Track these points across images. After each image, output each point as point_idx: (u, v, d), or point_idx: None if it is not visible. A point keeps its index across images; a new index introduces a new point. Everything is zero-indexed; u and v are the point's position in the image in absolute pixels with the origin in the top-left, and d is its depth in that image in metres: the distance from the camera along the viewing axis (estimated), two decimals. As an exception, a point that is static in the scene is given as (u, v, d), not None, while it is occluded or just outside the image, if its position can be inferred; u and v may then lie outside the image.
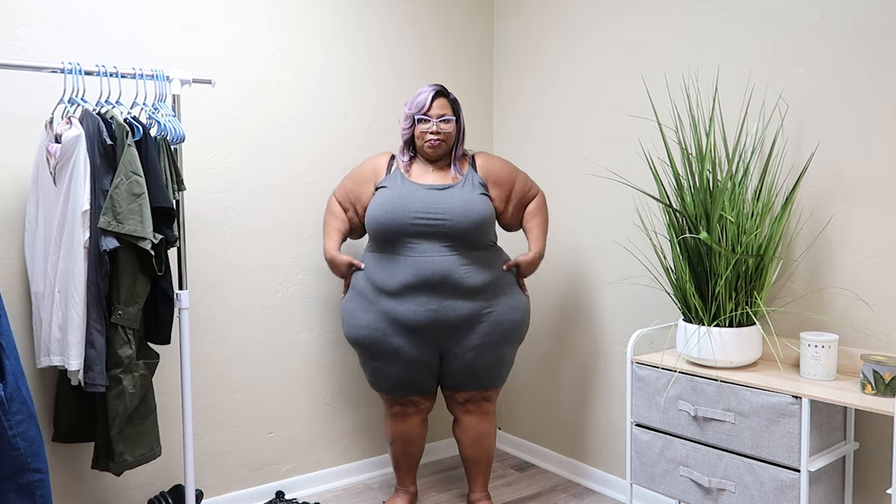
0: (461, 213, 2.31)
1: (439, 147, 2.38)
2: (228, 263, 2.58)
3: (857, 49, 1.98)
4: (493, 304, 2.36)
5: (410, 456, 2.55)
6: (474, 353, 2.37)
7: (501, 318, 2.37)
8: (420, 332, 2.32)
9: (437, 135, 2.36)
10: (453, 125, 2.39)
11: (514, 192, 2.47)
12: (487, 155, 2.51)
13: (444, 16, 3.06)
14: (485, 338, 2.36)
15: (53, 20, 2.20)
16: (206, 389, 2.55)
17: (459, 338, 2.35)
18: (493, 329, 2.36)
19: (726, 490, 1.94)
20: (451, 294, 2.30)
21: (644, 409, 2.15)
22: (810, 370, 1.93)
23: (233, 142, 2.56)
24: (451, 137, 2.40)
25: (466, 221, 2.31)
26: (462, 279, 2.30)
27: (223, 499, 2.61)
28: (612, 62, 2.67)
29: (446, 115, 2.37)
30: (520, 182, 2.49)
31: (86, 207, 1.91)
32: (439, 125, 2.35)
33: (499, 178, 2.45)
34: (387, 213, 2.32)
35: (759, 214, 2.05)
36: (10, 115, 2.15)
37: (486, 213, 2.36)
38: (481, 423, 2.50)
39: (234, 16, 2.55)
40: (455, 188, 2.37)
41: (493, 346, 2.38)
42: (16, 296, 2.18)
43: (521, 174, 2.51)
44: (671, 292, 2.43)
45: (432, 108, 2.35)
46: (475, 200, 2.35)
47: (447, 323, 2.31)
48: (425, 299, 2.30)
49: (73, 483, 2.30)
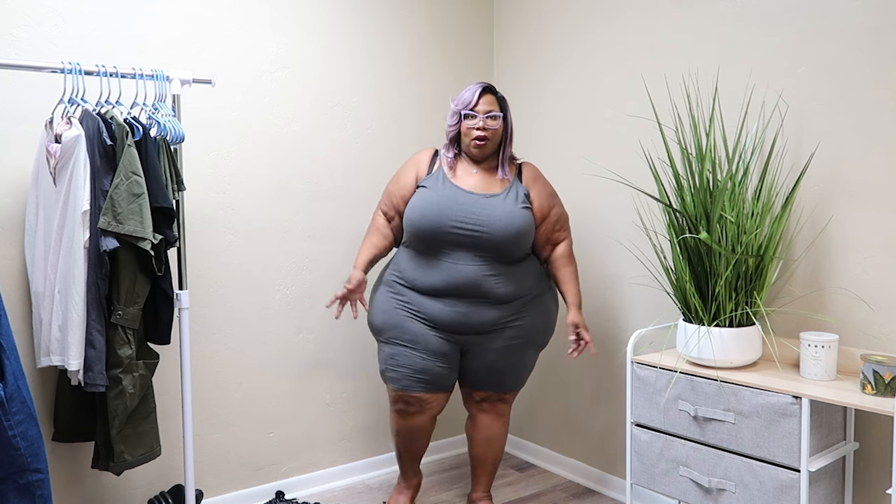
0: (501, 227, 2.25)
1: (485, 147, 2.32)
2: (228, 263, 2.58)
3: (857, 49, 1.98)
4: (523, 313, 2.34)
5: (414, 450, 2.52)
6: (496, 356, 2.35)
7: (528, 325, 2.35)
8: (443, 328, 2.32)
9: (484, 131, 2.29)
10: (500, 122, 2.33)
11: (545, 222, 2.39)
12: (535, 168, 2.46)
13: (444, 16, 3.07)
14: (509, 341, 2.34)
15: (53, 20, 2.20)
16: (206, 389, 2.55)
17: (484, 341, 2.34)
18: (518, 334, 2.35)
19: (726, 490, 1.94)
20: (481, 301, 2.29)
21: (644, 409, 2.15)
22: (810, 370, 1.93)
23: (233, 142, 2.56)
24: (498, 135, 2.34)
25: (506, 236, 2.26)
26: (493, 289, 2.28)
27: (223, 499, 2.61)
28: (612, 62, 2.67)
29: (493, 111, 2.31)
30: (554, 215, 2.40)
31: (86, 208, 1.91)
32: (486, 121, 2.29)
33: (538, 198, 2.38)
34: (423, 219, 2.27)
35: (759, 214, 2.05)
36: (10, 115, 2.15)
37: (526, 228, 2.31)
38: (494, 423, 2.50)
39: (235, 16, 2.55)
40: (498, 198, 2.31)
41: (517, 349, 2.37)
42: (16, 296, 2.18)
43: (557, 206, 2.43)
44: (671, 292, 2.43)
45: (479, 104, 2.30)
46: (517, 214, 2.29)
47: (472, 326, 2.31)
48: (454, 301, 2.29)
49: (73, 483, 2.31)
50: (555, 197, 2.43)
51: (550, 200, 2.40)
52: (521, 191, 2.35)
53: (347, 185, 2.84)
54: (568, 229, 2.46)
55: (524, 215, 2.31)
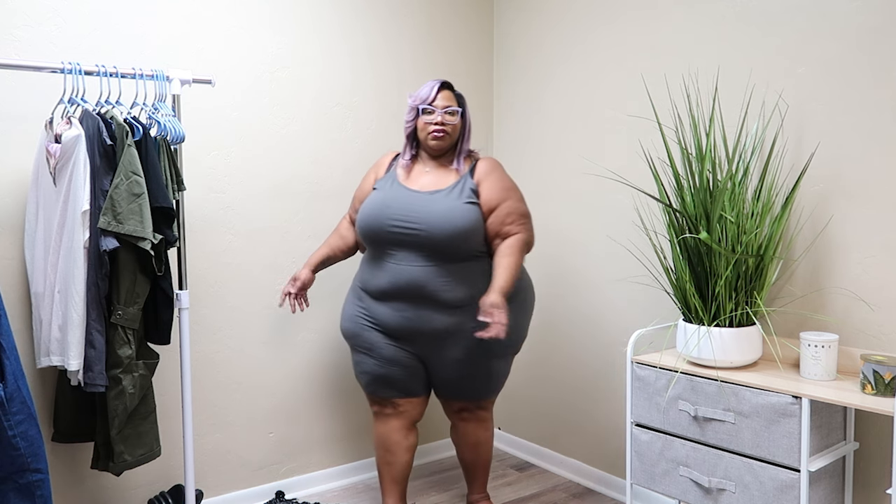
0: (437, 223, 2.17)
1: (443, 140, 2.27)
2: (228, 263, 2.58)
3: (857, 49, 1.98)
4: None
5: (391, 467, 2.40)
6: (459, 367, 2.29)
7: None
8: (395, 335, 2.27)
9: (443, 125, 2.25)
10: (459, 118, 2.30)
11: (493, 215, 2.24)
12: (493, 163, 2.34)
13: (444, 16, 3.07)
14: (468, 352, 2.27)
15: (53, 20, 2.20)
16: (206, 389, 2.55)
17: (440, 349, 2.27)
18: (477, 344, 2.25)
19: (726, 490, 1.94)
20: (428, 306, 2.21)
21: (644, 409, 2.15)
22: (810, 370, 1.93)
23: (233, 142, 2.56)
24: (457, 130, 2.31)
25: (443, 233, 2.17)
26: (438, 292, 2.20)
27: (223, 499, 2.61)
28: (612, 62, 2.67)
29: (451, 106, 2.28)
30: (504, 208, 2.24)
31: (86, 207, 1.91)
32: (444, 116, 2.26)
33: (488, 192, 2.25)
34: (367, 219, 2.26)
35: (759, 214, 2.05)
36: (10, 115, 2.15)
37: (467, 224, 2.19)
38: (478, 430, 2.47)
39: (235, 16, 2.55)
40: (441, 194, 2.24)
41: (479, 360, 2.29)
42: (16, 296, 2.18)
43: (512, 200, 2.27)
44: (671, 292, 2.43)
45: (437, 99, 2.27)
46: (457, 210, 2.20)
47: (423, 332, 2.24)
48: (401, 305, 2.23)
49: (73, 483, 2.31)
50: (511, 191, 2.29)
51: (503, 194, 2.26)
52: (470, 185, 2.25)
53: (347, 185, 2.84)
54: (524, 225, 2.28)
55: (466, 211, 2.20)
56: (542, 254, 3.00)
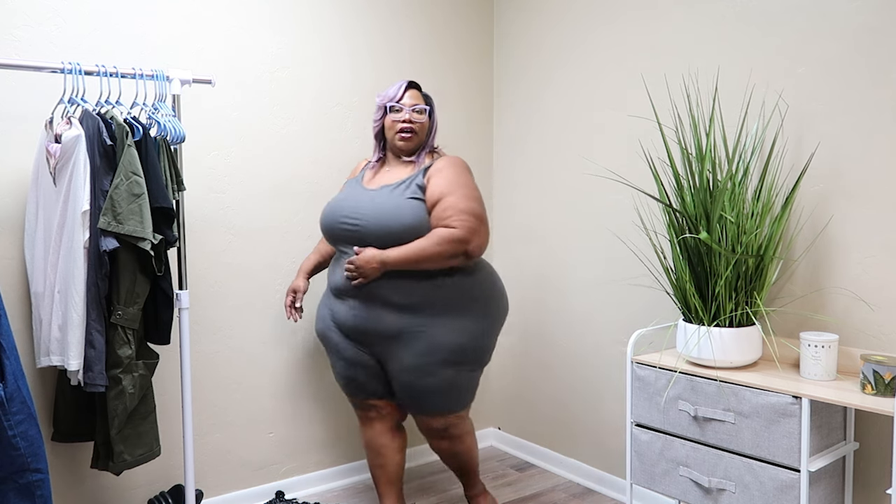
0: (375, 219, 2.12)
1: (411, 139, 2.24)
2: (228, 263, 2.58)
3: (857, 49, 1.98)
4: (429, 324, 2.14)
5: (383, 469, 2.39)
6: (413, 376, 2.17)
7: (440, 339, 2.15)
8: (351, 335, 2.24)
9: (411, 124, 2.23)
10: (427, 118, 2.28)
11: (435, 208, 2.13)
12: (452, 160, 2.23)
13: (444, 16, 3.07)
14: (421, 359, 2.15)
15: (53, 20, 2.20)
16: (206, 389, 2.55)
17: (392, 352, 2.19)
18: (431, 350, 2.14)
19: (726, 490, 1.94)
20: (378, 305, 2.15)
21: (644, 409, 2.15)
22: (810, 370, 1.93)
23: (233, 142, 2.56)
24: (425, 129, 2.28)
25: (380, 228, 2.11)
26: (384, 291, 2.14)
27: (223, 499, 2.61)
28: (612, 62, 2.67)
29: (421, 104, 2.27)
30: (446, 202, 2.11)
31: (86, 208, 1.91)
32: (412, 114, 2.24)
33: (433, 186, 2.15)
34: (323, 218, 2.28)
35: (759, 214, 2.05)
36: (10, 115, 2.15)
37: (406, 220, 2.11)
38: (453, 445, 2.33)
39: (234, 16, 2.55)
40: (386, 189, 2.19)
41: (435, 369, 2.16)
42: (16, 296, 2.18)
43: (456, 196, 2.12)
44: (671, 292, 2.43)
45: (405, 98, 2.26)
46: (397, 206, 2.12)
47: (375, 332, 2.18)
48: (354, 303, 2.19)
49: (73, 483, 2.31)
50: (459, 187, 2.14)
51: (448, 189, 2.13)
52: (418, 181, 2.17)
53: (347, 185, 2.84)
54: (463, 223, 2.10)
55: (408, 206, 2.12)
56: (542, 254, 3.00)
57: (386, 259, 2.09)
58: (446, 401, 2.23)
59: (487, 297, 2.26)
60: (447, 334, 2.16)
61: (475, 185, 2.23)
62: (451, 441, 2.33)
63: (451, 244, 2.09)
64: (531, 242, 3.05)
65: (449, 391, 2.21)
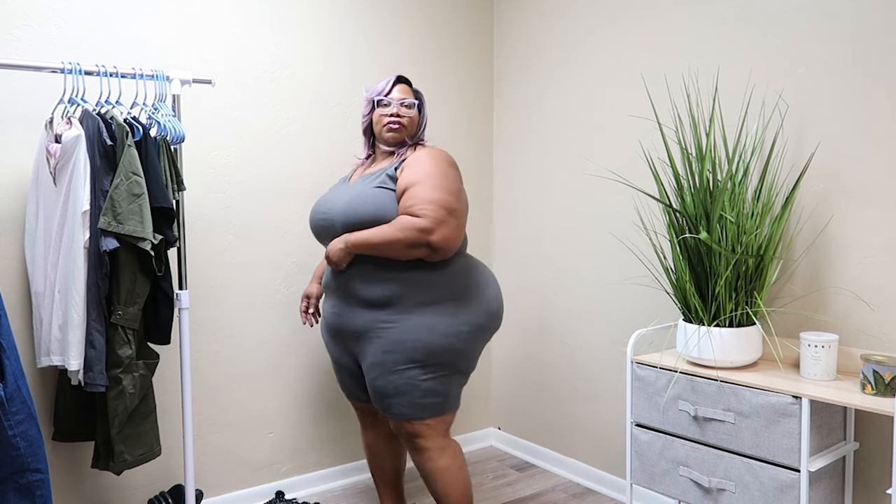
0: (340, 211, 2.07)
1: (399, 132, 2.17)
2: (228, 263, 2.58)
3: (857, 49, 1.98)
4: (396, 320, 2.04)
5: (380, 471, 2.37)
6: (375, 374, 2.07)
7: (404, 336, 2.02)
8: (333, 334, 2.20)
9: (398, 117, 2.17)
10: (415, 112, 2.22)
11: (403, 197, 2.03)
12: (428, 151, 2.12)
13: (444, 16, 3.07)
14: (384, 356, 2.04)
15: (53, 20, 2.20)
16: (206, 389, 2.55)
17: (362, 350, 2.11)
18: (393, 347, 2.03)
19: (726, 490, 1.94)
20: (351, 302, 2.10)
21: (644, 409, 2.15)
22: (810, 370, 1.93)
23: (233, 142, 2.56)
24: (413, 124, 2.21)
25: (344, 219, 2.06)
26: (357, 287, 2.08)
27: (223, 499, 2.61)
28: (612, 62, 2.67)
29: (409, 98, 2.21)
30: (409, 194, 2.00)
31: (86, 208, 1.91)
32: (400, 108, 2.18)
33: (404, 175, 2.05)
34: (310, 215, 2.26)
35: (759, 214, 2.05)
36: (10, 115, 2.15)
37: (369, 210, 2.02)
38: (423, 461, 2.11)
39: (235, 15, 2.55)
40: (357, 181, 2.14)
41: (397, 367, 2.03)
42: (16, 296, 2.18)
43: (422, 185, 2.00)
44: (671, 292, 2.43)
45: (393, 92, 2.20)
46: (364, 196, 2.05)
47: (348, 330, 2.12)
48: (335, 301, 2.17)
49: (73, 483, 2.31)
50: (430, 177, 2.02)
51: (417, 178, 2.02)
52: (388, 171, 2.09)
53: (347, 185, 2.84)
54: (428, 211, 1.96)
55: (371, 195, 2.04)
56: (542, 254, 3.00)
57: (348, 240, 2.03)
58: (408, 405, 2.06)
59: (467, 295, 2.10)
60: (412, 331, 2.02)
61: (453, 177, 2.07)
62: (420, 455, 2.11)
63: (412, 232, 1.96)
64: (531, 242, 3.05)
65: (410, 393, 2.04)
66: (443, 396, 2.09)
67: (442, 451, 2.11)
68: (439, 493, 2.13)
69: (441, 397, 2.09)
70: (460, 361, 2.10)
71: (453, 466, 2.12)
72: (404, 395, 2.05)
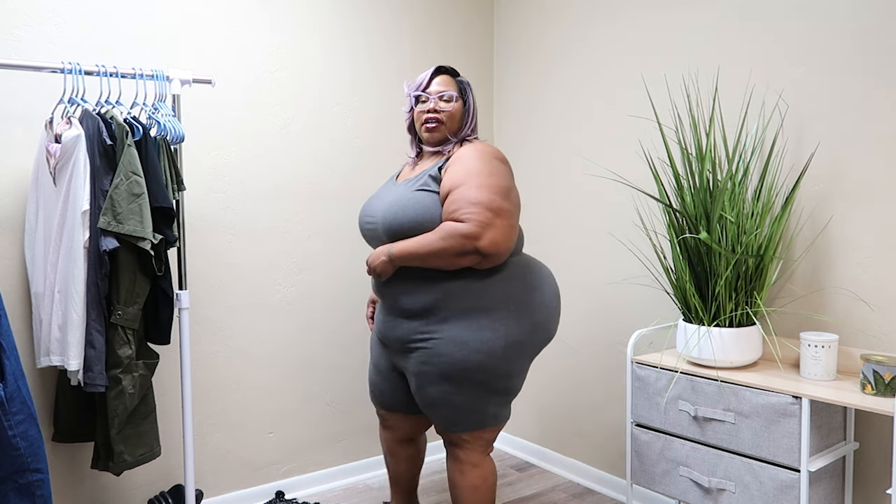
0: (382, 215, 1.97)
1: (436, 130, 2.04)
2: (228, 263, 2.58)
3: (857, 49, 1.98)
4: (435, 332, 1.94)
5: (393, 472, 2.33)
6: (416, 383, 2.00)
7: (439, 350, 1.92)
8: (380, 341, 2.16)
9: (436, 113, 2.03)
10: (457, 106, 2.05)
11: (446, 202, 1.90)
12: (476, 147, 1.97)
13: (444, 15, 3.07)
14: (420, 367, 1.97)
15: (53, 20, 2.20)
16: (206, 389, 2.55)
17: (404, 359, 2.04)
18: (427, 359, 1.94)
19: (726, 490, 1.94)
20: (395, 310, 2.01)
21: (644, 409, 2.15)
22: (810, 370, 1.93)
23: (233, 142, 2.56)
24: (455, 119, 2.05)
25: (386, 224, 1.95)
26: (397, 296, 1.99)
27: (223, 499, 2.61)
28: (611, 62, 2.67)
29: (447, 91, 2.05)
30: (453, 196, 1.87)
31: (85, 207, 1.91)
32: (438, 102, 2.04)
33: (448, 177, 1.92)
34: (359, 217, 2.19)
35: (759, 214, 2.05)
36: (10, 115, 2.15)
37: (410, 215, 1.91)
38: (452, 468, 2.08)
39: (235, 15, 2.55)
40: (401, 184, 2.03)
41: (431, 381, 1.96)
42: (16, 296, 2.18)
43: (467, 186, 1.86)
44: (671, 292, 2.43)
45: (431, 85, 2.06)
46: (406, 200, 1.94)
47: (391, 340, 2.05)
48: (383, 308, 2.10)
49: (73, 483, 2.30)
50: (474, 177, 1.88)
51: (461, 179, 1.88)
52: (432, 172, 1.97)
53: (347, 185, 2.84)
54: (473, 214, 1.83)
55: (413, 199, 1.93)
56: (542, 254, 3.00)
57: (391, 251, 1.92)
58: (443, 418, 2.00)
59: (512, 303, 1.95)
60: (447, 346, 1.92)
61: (501, 174, 1.92)
62: (454, 464, 2.07)
63: (457, 239, 1.82)
64: (531, 242, 3.05)
65: (445, 407, 1.98)
66: (479, 413, 1.99)
67: (474, 468, 2.05)
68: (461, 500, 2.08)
69: (477, 414, 1.99)
70: (494, 381, 1.95)
71: (482, 486, 2.06)
72: (440, 407, 1.99)
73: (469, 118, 2.08)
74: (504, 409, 2.05)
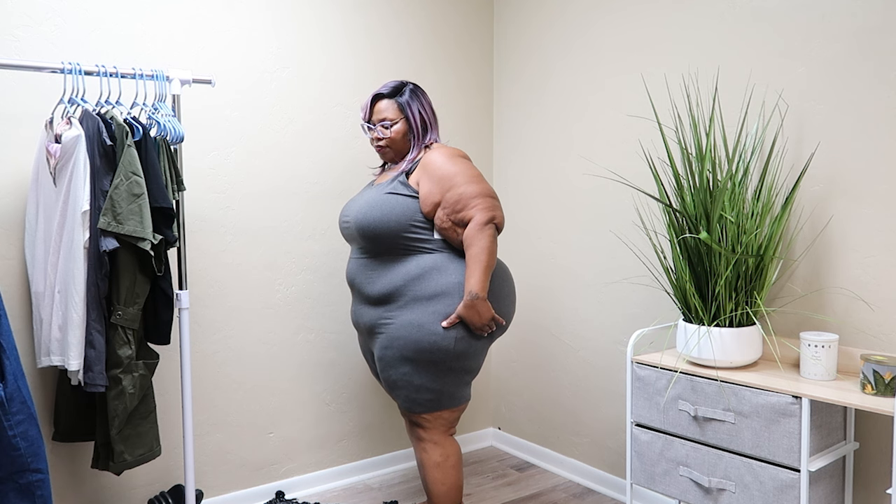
0: (356, 216, 2.19)
1: (386, 152, 2.30)
2: (228, 263, 2.58)
3: (856, 49, 1.98)
4: (394, 317, 2.14)
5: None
6: (380, 367, 2.21)
7: (398, 333, 2.12)
8: (356, 329, 2.38)
9: (380, 140, 2.28)
10: (398, 128, 2.25)
11: (442, 209, 2.13)
12: (433, 155, 2.19)
13: (444, 15, 3.07)
14: (382, 351, 2.17)
15: (53, 20, 2.20)
16: (206, 389, 2.55)
17: (372, 344, 2.26)
18: (389, 343, 2.15)
19: (726, 490, 1.94)
20: (362, 299, 2.25)
21: (644, 409, 2.15)
22: (810, 370, 1.93)
23: (233, 142, 2.56)
24: (398, 141, 2.27)
25: (359, 224, 2.17)
26: (364, 285, 2.22)
27: (223, 499, 2.61)
28: (611, 62, 2.67)
29: (385, 119, 2.25)
30: (451, 197, 2.11)
31: (85, 208, 1.91)
32: (381, 130, 2.27)
33: (427, 184, 2.15)
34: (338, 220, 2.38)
35: (759, 214, 2.05)
36: (10, 115, 2.15)
37: (376, 215, 2.14)
38: (417, 447, 2.27)
39: (235, 16, 2.55)
40: (373, 187, 2.27)
41: (392, 363, 2.15)
42: (16, 296, 2.18)
43: (456, 187, 2.11)
44: (671, 292, 2.44)
45: (372, 115, 2.30)
46: (377, 201, 2.16)
47: (359, 327, 2.30)
48: (354, 298, 2.32)
49: (73, 483, 2.31)
50: (453, 177, 2.12)
51: (444, 184, 2.11)
52: (401, 178, 2.20)
53: (348, 185, 2.84)
54: (478, 206, 2.10)
55: (383, 201, 2.15)
56: (542, 253, 3.00)
57: (472, 292, 2.07)
58: (405, 398, 2.19)
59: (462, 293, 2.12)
60: (404, 328, 2.11)
61: (472, 166, 2.18)
62: (417, 444, 2.26)
63: (487, 229, 2.09)
64: (531, 242, 3.05)
65: (405, 388, 2.17)
66: (436, 393, 2.17)
67: (435, 446, 2.23)
68: (427, 485, 2.26)
69: (433, 394, 2.17)
70: (452, 361, 2.13)
71: (444, 464, 2.23)
72: (401, 389, 2.19)
73: (416, 131, 2.27)
74: (462, 389, 2.22)
